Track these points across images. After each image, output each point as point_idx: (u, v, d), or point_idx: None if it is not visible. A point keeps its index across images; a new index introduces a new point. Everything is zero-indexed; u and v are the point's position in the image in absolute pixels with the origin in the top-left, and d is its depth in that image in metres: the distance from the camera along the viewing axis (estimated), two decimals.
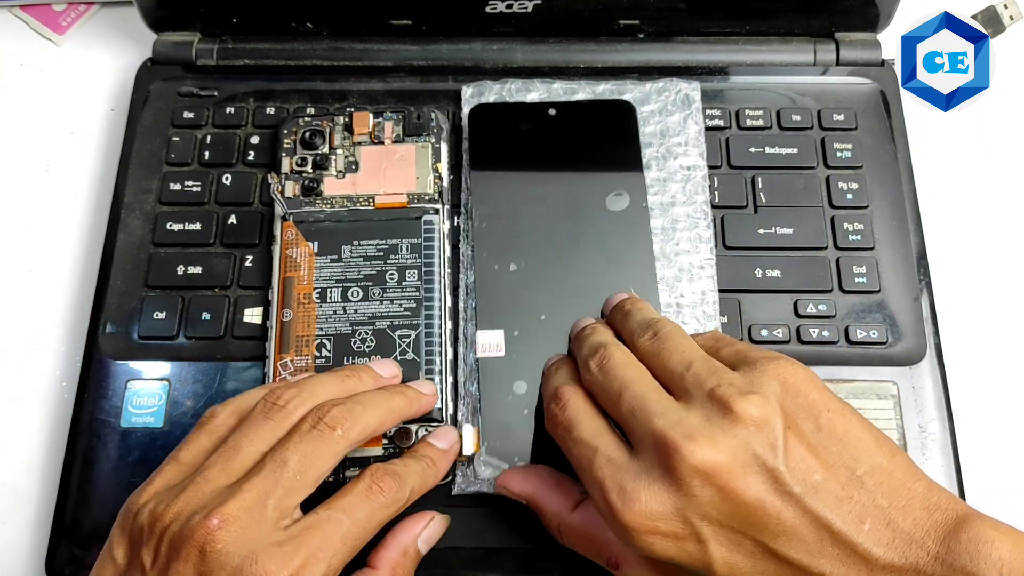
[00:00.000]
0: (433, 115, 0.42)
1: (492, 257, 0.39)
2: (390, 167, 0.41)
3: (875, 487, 0.27)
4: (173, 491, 0.29)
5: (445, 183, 0.41)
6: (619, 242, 0.39)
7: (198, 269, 0.41)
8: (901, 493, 0.27)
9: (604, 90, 0.44)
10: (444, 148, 0.42)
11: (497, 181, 0.40)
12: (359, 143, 0.42)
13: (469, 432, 0.36)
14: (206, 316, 0.40)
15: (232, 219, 0.42)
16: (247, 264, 0.41)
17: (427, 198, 0.40)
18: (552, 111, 0.42)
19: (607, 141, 0.42)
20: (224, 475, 0.29)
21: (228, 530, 0.27)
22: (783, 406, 0.28)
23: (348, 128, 0.42)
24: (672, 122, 0.43)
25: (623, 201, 0.40)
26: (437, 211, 0.40)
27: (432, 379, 0.37)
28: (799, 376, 0.29)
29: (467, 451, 0.35)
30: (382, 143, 0.42)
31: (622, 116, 0.42)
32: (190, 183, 0.43)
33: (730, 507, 0.27)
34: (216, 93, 0.45)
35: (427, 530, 0.34)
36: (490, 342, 0.37)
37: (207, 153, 0.43)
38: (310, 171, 0.41)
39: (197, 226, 0.42)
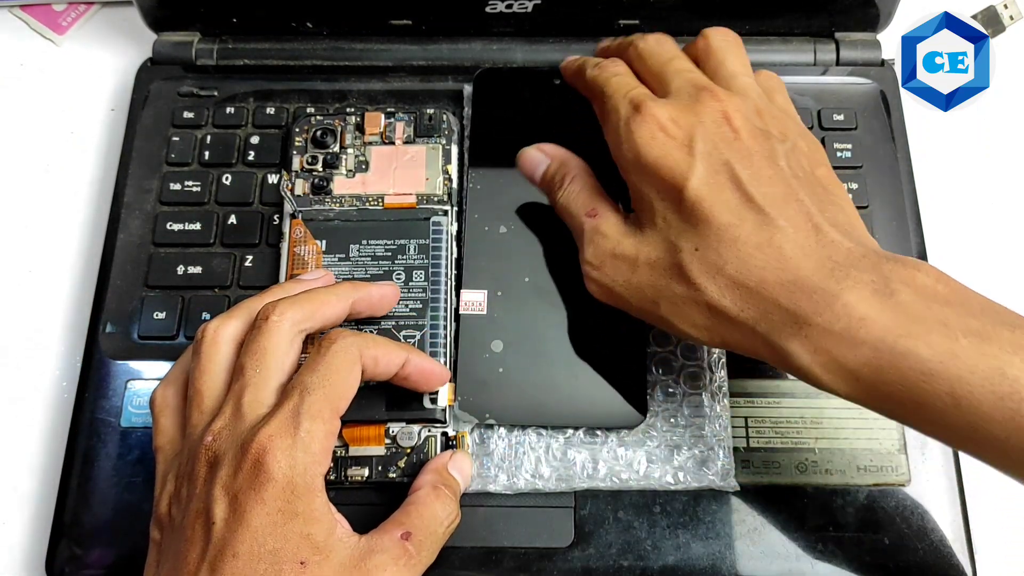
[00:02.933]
0: (445, 117, 0.42)
1: (483, 219, 0.39)
2: (400, 167, 0.41)
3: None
4: None
5: (454, 185, 0.41)
6: None
7: (198, 269, 0.41)
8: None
9: None
10: (454, 150, 0.42)
11: (496, 144, 0.41)
12: (370, 143, 0.42)
13: (445, 386, 0.36)
14: (206, 316, 0.40)
15: (232, 219, 0.42)
16: (247, 264, 0.41)
17: (436, 199, 0.40)
18: (557, 80, 0.43)
19: None
20: (200, 415, 0.31)
21: (219, 438, 0.30)
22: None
23: (360, 128, 0.42)
24: None
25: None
26: (446, 212, 0.40)
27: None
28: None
29: (441, 404, 0.36)
30: (393, 143, 0.42)
31: None
32: (190, 183, 0.43)
33: (731, 143, 0.32)
34: (216, 93, 0.45)
35: (451, 461, 0.35)
36: (473, 300, 0.38)
37: (207, 153, 0.43)
38: (320, 169, 0.41)
39: (197, 226, 0.42)
